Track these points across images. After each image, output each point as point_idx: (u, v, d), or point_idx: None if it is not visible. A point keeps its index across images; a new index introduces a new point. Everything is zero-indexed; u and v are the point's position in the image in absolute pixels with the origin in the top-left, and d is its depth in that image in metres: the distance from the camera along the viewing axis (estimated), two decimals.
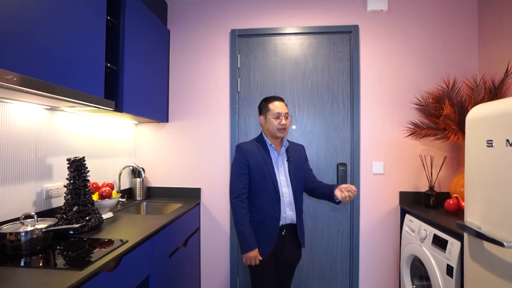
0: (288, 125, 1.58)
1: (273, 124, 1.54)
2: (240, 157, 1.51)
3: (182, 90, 2.16)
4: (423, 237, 1.61)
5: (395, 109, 1.99)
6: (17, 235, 1.02)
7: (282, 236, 1.51)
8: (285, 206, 1.50)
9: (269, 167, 1.50)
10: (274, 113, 1.54)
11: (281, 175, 1.53)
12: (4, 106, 1.16)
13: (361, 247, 2.00)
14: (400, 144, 1.99)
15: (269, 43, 2.09)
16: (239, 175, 1.48)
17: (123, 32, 1.54)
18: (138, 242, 1.20)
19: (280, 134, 1.54)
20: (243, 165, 1.49)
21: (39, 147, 1.33)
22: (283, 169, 1.56)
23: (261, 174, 1.49)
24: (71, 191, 1.28)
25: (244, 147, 1.53)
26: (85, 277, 0.88)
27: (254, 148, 1.54)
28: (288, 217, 1.52)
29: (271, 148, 1.56)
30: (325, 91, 2.05)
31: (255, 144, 1.56)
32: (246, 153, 1.51)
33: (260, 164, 1.50)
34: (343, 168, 1.99)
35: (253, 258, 1.41)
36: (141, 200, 2.05)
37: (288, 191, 1.53)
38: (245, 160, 1.49)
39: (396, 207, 1.99)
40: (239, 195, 1.46)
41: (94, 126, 1.73)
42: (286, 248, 1.54)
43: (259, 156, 1.51)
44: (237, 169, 1.49)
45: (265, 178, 1.49)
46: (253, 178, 1.50)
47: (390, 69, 2.00)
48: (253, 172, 1.49)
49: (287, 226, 1.53)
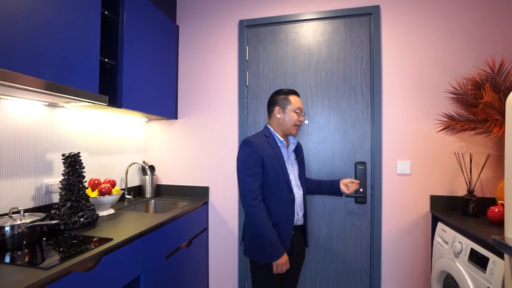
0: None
1: (293, 118, 1.41)
2: (253, 154, 1.34)
3: (191, 87, 2.11)
4: (457, 251, 1.34)
5: (425, 99, 1.71)
6: (1, 229, 1.03)
7: (291, 238, 1.40)
8: (297, 207, 1.41)
9: (282, 165, 1.38)
10: (296, 107, 1.42)
11: (291, 174, 1.43)
12: (3, 102, 1.19)
13: (384, 258, 1.75)
14: (431, 140, 1.70)
15: (279, 32, 1.94)
16: (253, 174, 1.31)
17: (122, 28, 1.51)
18: (123, 241, 1.15)
19: (294, 131, 1.45)
20: (257, 162, 1.33)
21: (39, 143, 1.35)
22: (292, 167, 1.45)
23: (275, 173, 1.36)
24: (65, 186, 1.28)
25: (255, 143, 1.36)
26: (49, 277, 0.84)
27: (265, 144, 1.39)
28: (299, 219, 1.43)
29: (282, 145, 1.44)
30: (341, 82, 1.84)
31: (265, 139, 1.41)
32: (259, 150, 1.34)
33: (274, 163, 1.36)
34: (362, 167, 1.77)
35: (284, 264, 1.28)
36: (150, 197, 2.03)
37: (299, 191, 1.44)
38: (259, 157, 1.33)
39: (426, 213, 1.71)
40: (256, 196, 1.29)
41: (102, 123, 1.75)
42: (294, 249, 1.43)
43: (272, 153, 1.37)
44: (250, 167, 1.32)
45: (279, 177, 1.36)
46: (267, 177, 1.35)
47: (418, 53, 1.73)
48: (268, 171, 1.35)
49: (296, 227, 1.43)
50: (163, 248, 1.45)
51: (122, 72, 1.51)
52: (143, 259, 1.28)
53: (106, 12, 1.45)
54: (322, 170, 1.84)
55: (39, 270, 0.85)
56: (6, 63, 0.95)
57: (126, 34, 1.54)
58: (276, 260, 1.26)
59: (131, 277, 1.20)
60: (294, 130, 1.43)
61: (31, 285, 0.78)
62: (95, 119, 1.70)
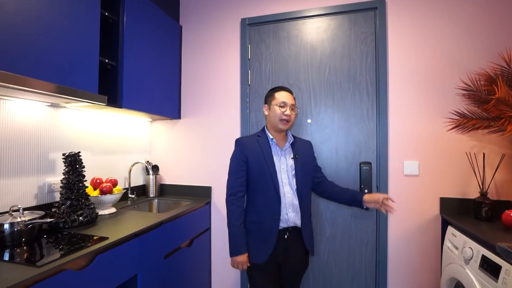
0: (293, 118, 1.43)
1: (276, 112, 1.40)
2: (238, 153, 1.41)
3: (193, 87, 2.11)
4: (467, 257, 1.26)
5: (434, 96, 1.62)
6: (1, 226, 1.06)
7: (284, 240, 1.36)
8: (286, 207, 1.36)
9: (269, 164, 1.36)
10: (279, 101, 1.40)
11: (282, 173, 1.38)
12: (6, 103, 1.23)
13: (390, 262, 1.68)
14: (440, 139, 1.61)
15: (282, 29, 1.90)
16: (235, 172, 1.38)
17: (122, 29, 1.53)
18: (119, 240, 1.16)
19: (282, 125, 1.40)
20: (240, 161, 1.39)
21: (42, 143, 1.38)
22: (286, 166, 1.40)
23: (260, 171, 1.36)
24: (65, 185, 1.30)
25: (243, 142, 1.43)
26: (40, 275, 0.85)
27: (253, 143, 1.42)
28: (290, 220, 1.36)
29: (273, 143, 1.42)
30: (345, 79, 1.78)
31: (256, 138, 1.44)
32: (244, 148, 1.40)
33: (259, 161, 1.37)
34: (367, 167, 1.70)
35: (240, 263, 1.31)
36: (154, 197, 2.05)
37: (290, 190, 1.38)
38: (243, 156, 1.38)
39: (435, 216, 1.62)
40: (234, 193, 1.36)
41: (106, 123, 1.77)
42: (290, 254, 1.38)
43: (258, 151, 1.38)
44: (234, 166, 1.39)
45: (265, 176, 1.35)
46: (252, 175, 1.38)
47: (426, 48, 1.64)
48: (252, 169, 1.37)
49: (290, 229, 1.38)
50: (161, 248, 1.45)
51: (123, 73, 1.53)
52: (139, 258, 1.28)
53: (107, 13, 1.47)
54: (325, 170, 1.78)
55: (30, 267, 0.87)
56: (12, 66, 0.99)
57: (127, 35, 1.55)
58: (233, 257, 1.31)
59: (127, 276, 1.20)
60: (282, 125, 1.40)
61: (20, 283, 0.79)
62: (99, 119, 1.73)
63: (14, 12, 1.01)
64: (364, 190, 1.67)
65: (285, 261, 1.39)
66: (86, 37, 1.30)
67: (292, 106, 1.42)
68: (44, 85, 1.06)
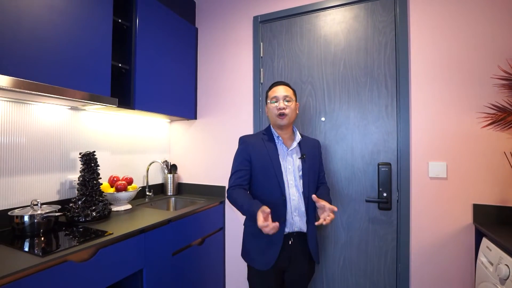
0: (289, 110, 1.33)
1: (271, 109, 1.36)
2: (242, 151, 1.36)
3: (208, 87, 2.14)
4: (503, 276, 1.08)
5: (464, 88, 1.42)
6: (21, 218, 1.17)
7: (289, 246, 1.29)
8: (292, 211, 1.29)
9: (274, 163, 1.30)
10: (271, 98, 1.36)
11: (289, 174, 1.31)
12: (30, 107, 1.37)
13: (413, 274, 1.51)
14: (473, 137, 1.41)
15: (294, 24, 1.83)
16: (237, 171, 1.34)
17: (135, 34, 1.61)
18: (123, 235, 1.21)
19: (280, 120, 1.33)
20: (244, 160, 1.34)
21: (63, 143, 1.51)
22: (292, 167, 1.33)
23: (265, 171, 1.30)
24: (81, 182, 1.41)
25: (247, 140, 1.38)
26: (41, 264, 0.92)
27: (258, 141, 1.36)
28: (296, 224, 1.29)
29: (279, 141, 1.36)
30: (362, 73, 1.65)
31: (261, 136, 1.39)
32: (248, 146, 1.35)
33: (264, 160, 1.31)
34: (385, 169, 1.55)
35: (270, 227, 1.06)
36: (171, 195, 2.12)
37: (296, 192, 1.31)
38: (247, 155, 1.33)
39: (467, 226, 1.42)
40: (232, 186, 1.31)
41: (125, 124, 1.88)
42: (294, 261, 1.31)
43: (263, 150, 1.33)
44: (236, 165, 1.35)
45: (269, 176, 1.29)
46: (256, 175, 1.33)
47: (455, 34, 1.44)
48: (256, 169, 1.32)
49: (295, 234, 1.30)
50: (169, 245, 1.48)
51: (135, 76, 1.60)
52: (145, 254, 1.33)
53: (120, 20, 1.55)
54: (340, 171, 1.68)
55: (38, 257, 0.94)
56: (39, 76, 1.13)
57: (139, 40, 1.62)
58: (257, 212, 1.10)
59: (131, 270, 1.25)
60: (279, 120, 1.33)
61: (21, 270, 0.86)
62: (118, 121, 1.84)
63: (42, 30, 1.12)
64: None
65: (289, 268, 1.32)
66: (99, 45, 1.39)
67: (285, 98, 1.34)
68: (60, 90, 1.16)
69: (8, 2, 1.05)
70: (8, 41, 1.05)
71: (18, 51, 1.08)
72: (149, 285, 1.34)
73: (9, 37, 1.05)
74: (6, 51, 1.04)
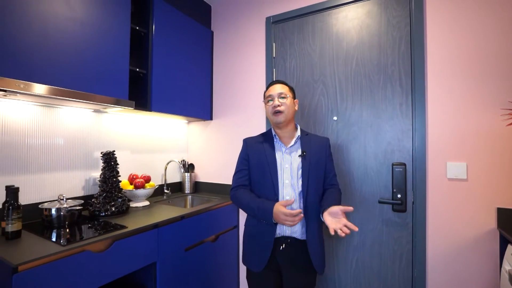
0: (284, 107, 1.29)
1: (267, 109, 1.36)
2: (242, 152, 1.41)
3: (223, 88, 2.19)
4: None
5: (487, 83, 1.33)
6: (49, 211, 1.30)
7: (280, 252, 1.24)
8: None
9: (270, 162, 1.27)
10: (266, 97, 1.37)
11: (285, 173, 1.26)
12: (57, 111, 1.51)
13: (430, 280, 1.44)
14: (496, 135, 1.31)
15: (306, 23, 1.82)
16: (238, 171, 1.38)
17: (151, 40, 1.70)
18: (137, 229, 1.29)
19: (276, 118, 1.30)
20: (243, 160, 1.38)
21: (88, 143, 1.64)
22: (290, 165, 1.27)
23: (260, 170, 1.30)
24: (102, 179, 1.52)
25: (248, 141, 1.42)
26: (62, 252, 1.02)
27: (257, 141, 1.37)
28: (289, 229, 1.23)
29: (276, 139, 1.34)
30: (375, 71, 1.60)
31: (261, 137, 1.40)
32: (247, 147, 1.38)
33: (260, 159, 1.30)
34: (400, 169, 1.50)
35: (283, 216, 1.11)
36: (188, 193, 2.21)
37: (292, 193, 1.24)
38: (245, 155, 1.37)
39: (491, 231, 1.32)
40: (235, 187, 1.35)
41: (146, 125, 2.00)
42: (289, 267, 1.25)
43: (260, 149, 1.33)
44: (237, 166, 1.40)
45: (264, 175, 1.28)
46: (253, 175, 1.33)
47: (476, 25, 1.35)
48: (252, 168, 1.33)
49: (289, 240, 1.24)
50: (182, 240, 1.55)
51: (152, 80, 1.70)
52: (158, 248, 1.40)
53: (137, 27, 1.66)
54: (353, 171, 1.64)
55: (60, 246, 1.05)
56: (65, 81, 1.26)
57: (155, 45, 1.71)
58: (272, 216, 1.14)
59: (145, 263, 1.33)
60: (275, 118, 1.30)
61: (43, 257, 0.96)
62: (138, 122, 1.95)
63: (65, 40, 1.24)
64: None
65: (286, 273, 1.27)
66: (118, 52, 1.50)
67: (280, 95, 1.30)
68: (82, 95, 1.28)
69: (35, 17, 1.17)
70: (38, 53, 1.17)
71: (47, 62, 1.20)
72: (162, 278, 1.41)
73: (38, 49, 1.18)
74: (37, 61, 1.17)
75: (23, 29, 1.14)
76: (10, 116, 1.32)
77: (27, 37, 1.15)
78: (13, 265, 0.89)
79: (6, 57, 1.09)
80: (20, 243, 1.08)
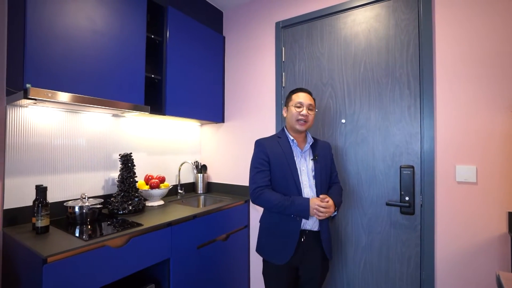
0: (310, 118, 1.41)
1: (293, 113, 1.41)
2: (259, 153, 1.42)
3: (235, 91, 2.26)
4: None
5: (498, 84, 1.31)
6: (73, 208, 1.41)
7: (302, 243, 1.35)
8: None
9: (291, 165, 1.37)
10: (295, 102, 1.41)
11: (303, 175, 1.38)
12: (80, 116, 1.63)
13: (439, 284, 1.43)
14: (506, 139, 1.29)
15: (315, 28, 1.86)
16: (260, 171, 1.38)
17: (166, 48, 1.79)
18: (151, 227, 1.38)
19: (299, 126, 1.40)
20: (263, 161, 1.40)
21: (107, 145, 1.75)
22: (306, 168, 1.39)
23: (282, 172, 1.37)
24: (120, 180, 1.62)
25: (264, 142, 1.45)
26: (84, 246, 1.12)
27: (274, 144, 1.44)
28: (308, 222, 1.35)
29: (294, 144, 1.43)
30: (383, 74, 1.61)
31: (276, 139, 1.46)
32: (266, 148, 1.41)
33: (281, 162, 1.38)
34: (408, 172, 1.50)
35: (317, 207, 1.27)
36: (201, 193, 2.29)
37: (310, 192, 1.36)
38: (265, 156, 1.40)
39: (502, 235, 1.31)
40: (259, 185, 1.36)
41: (161, 128, 2.10)
42: (308, 257, 1.36)
43: (280, 152, 1.40)
44: (256, 165, 1.40)
45: (286, 177, 1.36)
46: (274, 176, 1.40)
47: (486, 26, 1.34)
48: (274, 169, 1.39)
49: (307, 232, 1.36)
50: (194, 238, 1.62)
51: (166, 85, 1.79)
52: (172, 245, 1.48)
53: (153, 36, 1.75)
54: (361, 174, 1.66)
55: (82, 241, 1.15)
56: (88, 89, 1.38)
57: (170, 52, 1.80)
58: (309, 210, 1.27)
59: (159, 258, 1.42)
60: (298, 126, 1.39)
61: (68, 250, 1.06)
62: (154, 125, 2.05)
63: (86, 50, 1.35)
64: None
65: (303, 265, 1.37)
66: (135, 60, 1.60)
67: (309, 106, 1.40)
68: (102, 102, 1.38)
69: (59, 30, 1.28)
70: (63, 65, 1.28)
71: (71, 72, 1.31)
72: (176, 274, 1.50)
73: (63, 60, 1.29)
74: (63, 72, 1.28)
75: (51, 42, 1.25)
76: (38, 121, 1.45)
77: (54, 50, 1.26)
78: (43, 257, 1.00)
79: (36, 69, 1.20)
80: (48, 238, 1.19)
